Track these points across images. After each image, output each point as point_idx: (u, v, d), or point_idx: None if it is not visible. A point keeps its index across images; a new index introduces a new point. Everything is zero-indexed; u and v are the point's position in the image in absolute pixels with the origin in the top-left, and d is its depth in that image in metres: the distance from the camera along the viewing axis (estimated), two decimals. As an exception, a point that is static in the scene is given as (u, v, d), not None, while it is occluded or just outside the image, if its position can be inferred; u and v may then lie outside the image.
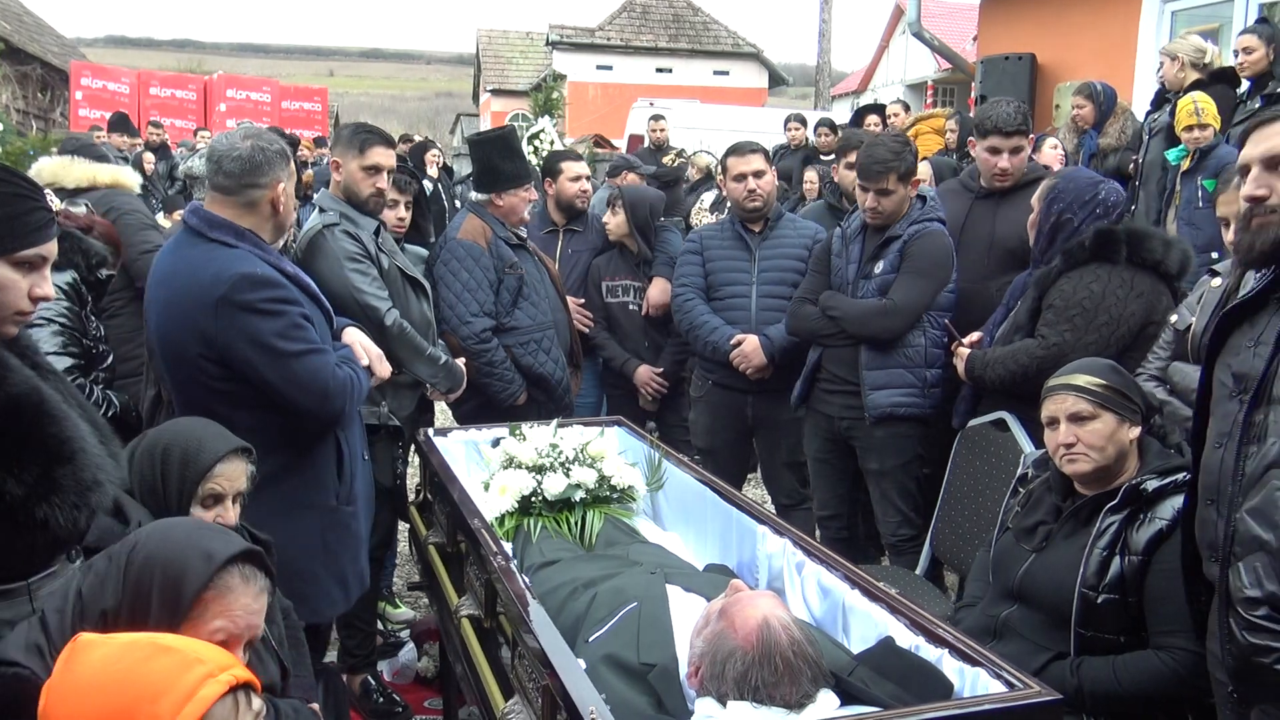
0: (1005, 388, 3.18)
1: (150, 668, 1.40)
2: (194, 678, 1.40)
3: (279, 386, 2.61)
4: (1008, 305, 3.39)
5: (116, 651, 1.43)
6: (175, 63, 44.35)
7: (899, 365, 3.62)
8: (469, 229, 4.04)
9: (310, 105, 20.87)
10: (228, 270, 2.56)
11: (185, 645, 1.47)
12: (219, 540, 1.72)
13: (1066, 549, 2.35)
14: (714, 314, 4.10)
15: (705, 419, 4.28)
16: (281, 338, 2.59)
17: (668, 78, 26.40)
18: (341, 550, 2.85)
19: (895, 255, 3.63)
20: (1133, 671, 2.20)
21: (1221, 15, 7.53)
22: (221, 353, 2.58)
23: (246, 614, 1.68)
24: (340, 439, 2.82)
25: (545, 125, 13.02)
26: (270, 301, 2.58)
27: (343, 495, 2.83)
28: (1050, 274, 3.16)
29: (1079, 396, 2.37)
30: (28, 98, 19.85)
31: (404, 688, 3.87)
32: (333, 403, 2.68)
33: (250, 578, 1.71)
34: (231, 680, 1.45)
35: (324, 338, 2.78)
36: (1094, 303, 3.03)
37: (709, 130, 12.84)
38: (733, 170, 4.14)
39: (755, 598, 1.94)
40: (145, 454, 2.20)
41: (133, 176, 4.27)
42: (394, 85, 70.63)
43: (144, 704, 1.36)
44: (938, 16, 18.14)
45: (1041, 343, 3.08)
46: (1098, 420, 2.35)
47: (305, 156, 10.62)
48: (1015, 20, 9.35)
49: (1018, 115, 3.70)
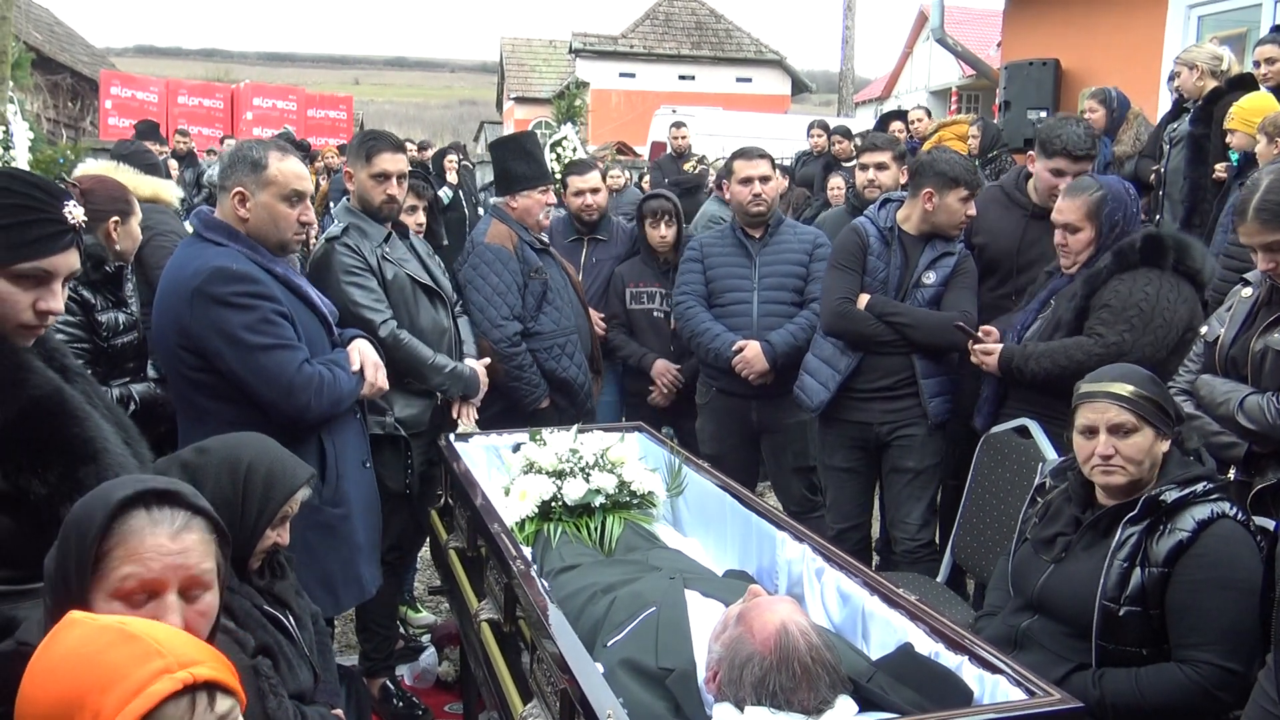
0: (1048, 383, 3.14)
1: (108, 656, 1.32)
2: (147, 671, 1.30)
3: (244, 378, 2.69)
4: (1038, 308, 3.36)
5: (88, 634, 1.35)
6: (203, 71, 44.78)
7: (944, 373, 3.71)
8: (495, 233, 4.07)
9: (335, 113, 21.06)
10: (207, 264, 2.67)
11: (152, 634, 1.36)
12: (125, 486, 1.60)
13: (1086, 560, 2.32)
14: (716, 321, 4.11)
15: (711, 426, 4.30)
16: (249, 330, 2.66)
17: (690, 85, 26.42)
18: (326, 552, 2.86)
19: (948, 269, 3.68)
20: (1155, 684, 2.17)
21: (1249, 20, 7.46)
22: (196, 343, 2.68)
23: (160, 555, 1.55)
24: (324, 440, 2.85)
25: (568, 132, 13.03)
26: (242, 295, 2.67)
27: (327, 496, 2.84)
28: (1100, 274, 3.14)
29: (1122, 408, 2.29)
30: (58, 106, 20.16)
31: (425, 692, 3.89)
32: (297, 398, 2.71)
33: (161, 519, 1.57)
34: (189, 678, 1.31)
35: (313, 339, 2.84)
36: (1150, 305, 3.03)
37: (731, 137, 12.82)
38: (739, 173, 4.16)
39: (774, 603, 1.94)
40: (225, 468, 2.13)
41: (174, 191, 4.17)
42: (418, 93, 71.00)
43: (94, 694, 1.28)
44: (961, 23, 18.09)
45: (1099, 341, 3.07)
46: (1139, 434, 2.28)
47: (333, 164, 10.67)
48: (1039, 26, 9.30)
49: (1089, 139, 3.65)
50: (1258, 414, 2.45)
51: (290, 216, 2.83)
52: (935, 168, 3.65)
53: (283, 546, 2.22)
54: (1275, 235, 2.47)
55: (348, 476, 2.93)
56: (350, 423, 3.00)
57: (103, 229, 3.19)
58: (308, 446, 2.79)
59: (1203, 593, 2.16)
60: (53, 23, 22.88)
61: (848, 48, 22.11)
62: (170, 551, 1.56)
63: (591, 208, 4.71)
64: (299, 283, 2.89)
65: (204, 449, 2.19)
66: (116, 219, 3.25)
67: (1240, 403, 2.50)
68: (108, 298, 3.14)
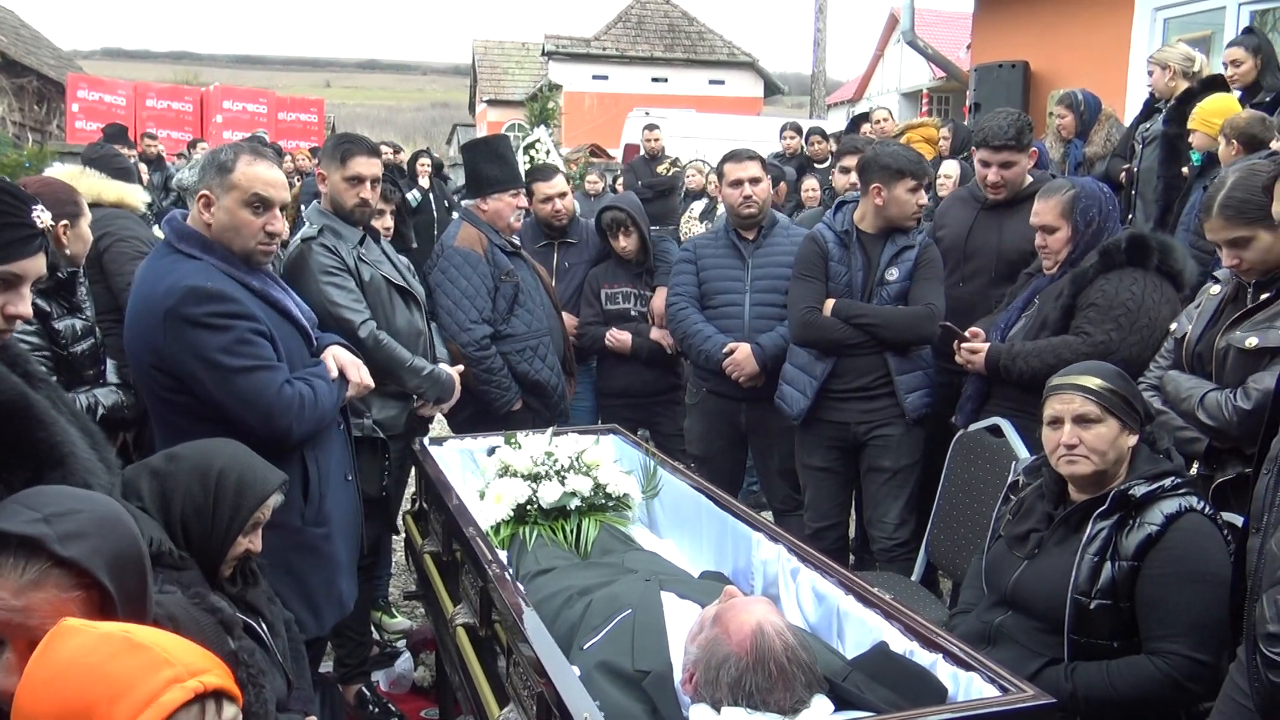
0: (1035, 382, 3.14)
1: (115, 665, 1.31)
2: (158, 681, 1.31)
3: (223, 402, 2.59)
4: (1022, 306, 3.39)
5: (90, 643, 1.34)
6: (172, 74, 44.34)
7: (919, 368, 3.71)
8: (465, 236, 4.05)
9: (307, 116, 20.90)
10: (180, 283, 2.56)
11: (158, 642, 1.37)
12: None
13: (1058, 555, 2.35)
14: (707, 323, 4.12)
15: (699, 426, 4.30)
16: (225, 353, 2.56)
17: (663, 87, 26.47)
18: (309, 572, 2.78)
19: (910, 263, 3.68)
20: (1127, 676, 2.20)
21: (1213, 22, 7.57)
22: (171, 366, 2.58)
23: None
24: (307, 459, 2.76)
25: (541, 135, 13.05)
26: (217, 316, 2.56)
27: (309, 516, 2.76)
28: (1086, 274, 3.17)
29: (1087, 398, 2.34)
30: (24, 110, 19.91)
31: (400, 698, 3.86)
32: (276, 421, 2.61)
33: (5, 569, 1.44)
34: (199, 687, 1.34)
35: (294, 355, 2.75)
36: (1136, 304, 3.06)
37: (705, 139, 12.87)
38: (729, 176, 4.15)
39: (749, 603, 1.95)
40: (196, 475, 2.12)
41: (139, 196, 4.07)
42: (390, 96, 70.69)
43: (102, 704, 1.28)
44: (932, 25, 18.23)
45: (1086, 339, 3.09)
46: (1103, 424, 2.33)
47: (304, 166, 10.63)
48: (1008, 29, 9.40)
49: (1010, 129, 3.69)
50: (1216, 410, 2.49)
51: (253, 224, 2.66)
52: (880, 162, 3.68)
53: (254, 553, 2.20)
54: (1239, 231, 2.53)
55: (330, 495, 2.85)
56: (334, 436, 2.91)
57: (52, 233, 3.11)
58: (290, 466, 2.70)
59: (1171, 585, 2.19)
60: (18, 25, 22.56)
61: (819, 50, 22.17)
62: (10, 607, 1.43)
63: (560, 213, 4.67)
64: (276, 295, 2.79)
65: (175, 456, 2.16)
66: (65, 222, 3.17)
67: (1201, 399, 2.53)
68: (62, 304, 3.06)
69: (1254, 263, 2.55)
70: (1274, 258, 2.53)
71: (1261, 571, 1.79)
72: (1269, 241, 2.50)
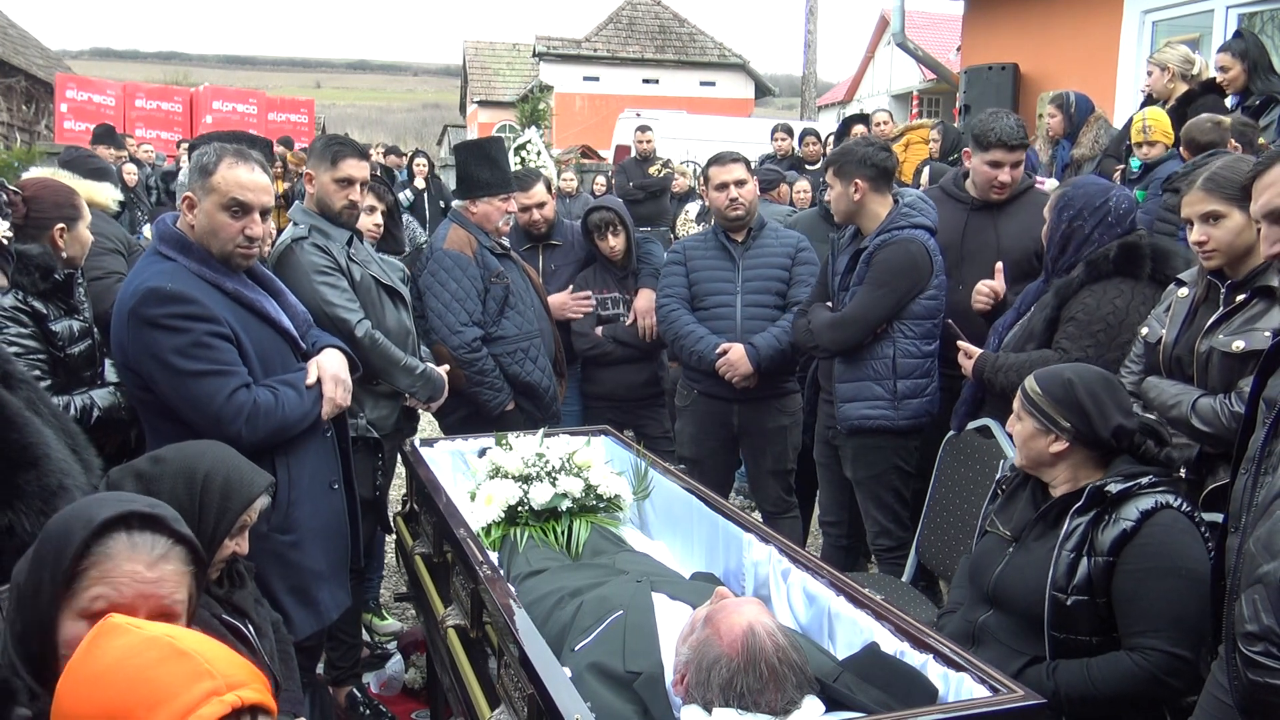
0: (1012, 395, 3.17)
1: (157, 672, 1.32)
2: (197, 693, 1.31)
3: (175, 403, 2.61)
4: (1019, 309, 3.37)
5: (136, 645, 1.35)
6: (161, 75, 44.26)
7: (867, 378, 3.61)
8: (455, 239, 4.04)
9: (297, 117, 20.80)
10: (144, 284, 2.58)
11: (201, 651, 1.37)
12: (109, 505, 1.59)
13: (1038, 551, 2.36)
14: (699, 324, 4.11)
15: (691, 428, 4.30)
16: (179, 354, 2.56)
17: (654, 88, 26.49)
18: (274, 580, 2.72)
19: (863, 267, 3.61)
20: (1106, 673, 2.21)
21: (1201, 25, 7.60)
22: (135, 365, 2.62)
23: (134, 581, 1.54)
24: (277, 464, 2.71)
25: (532, 136, 13.02)
26: (174, 317, 2.56)
27: (275, 522, 2.71)
28: (1071, 285, 3.11)
29: (1020, 396, 2.50)
30: (12, 110, 19.82)
31: (391, 699, 3.85)
32: (225, 427, 2.56)
33: (141, 544, 1.56)
34: (236, 702, 1.33)
35: (270, 359, 2.73)
36: (1118, 319, 2.99)
37: (695, 140, 12.89)
38: (714, 179, 4.15)
39: (740, 604, 1.95)
40: (181, 477, 2.10)
41: (109, 194, 4.05)
42: (381, 97, 70.60)
43: (140, 709, 1.28)
44: (922, 27, 18.25)
45: (1063, 356, 3.00)
46: (1021, 422, 2.47)
47: (294, 165, 10.60)
48: (998, 31, 9.42)
49: (1020, 129, 3.71)
50: (1211, 416, 2.47)
51: (230, 227, 2.64)
52: (853, 156, 3.67)
53: (241, 556, 2.19)
54: (1215, 204, 2.56)
55: (304, 502, 2.80)
56: (313, 442, 2.87)
57: (48, 236, 3.09)
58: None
59: (1147, 581, 2.19)
60: (6, 25, 22.46)
61: (810, 52, 22.21)
62: (145, 579, 1.54)
63: (539, 222, 4.62)
64: (254, 298, 2.76)
65: (159, 458, 2.15)
66: (62, 225, 3.15)
67: (1193, 405, 2.52)
68: (59, 306, 3.05)
69: (1220, 244, 2.56)
70: (1241, 244, 2.54)
71: (1240, 571, 1.80)
72: (1240, 223, 2.51)
